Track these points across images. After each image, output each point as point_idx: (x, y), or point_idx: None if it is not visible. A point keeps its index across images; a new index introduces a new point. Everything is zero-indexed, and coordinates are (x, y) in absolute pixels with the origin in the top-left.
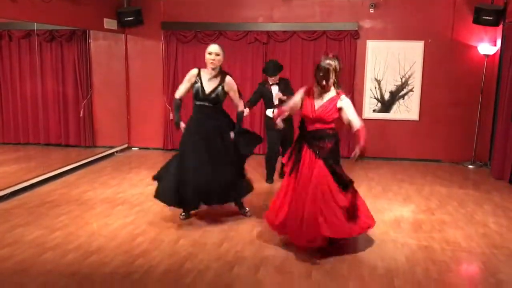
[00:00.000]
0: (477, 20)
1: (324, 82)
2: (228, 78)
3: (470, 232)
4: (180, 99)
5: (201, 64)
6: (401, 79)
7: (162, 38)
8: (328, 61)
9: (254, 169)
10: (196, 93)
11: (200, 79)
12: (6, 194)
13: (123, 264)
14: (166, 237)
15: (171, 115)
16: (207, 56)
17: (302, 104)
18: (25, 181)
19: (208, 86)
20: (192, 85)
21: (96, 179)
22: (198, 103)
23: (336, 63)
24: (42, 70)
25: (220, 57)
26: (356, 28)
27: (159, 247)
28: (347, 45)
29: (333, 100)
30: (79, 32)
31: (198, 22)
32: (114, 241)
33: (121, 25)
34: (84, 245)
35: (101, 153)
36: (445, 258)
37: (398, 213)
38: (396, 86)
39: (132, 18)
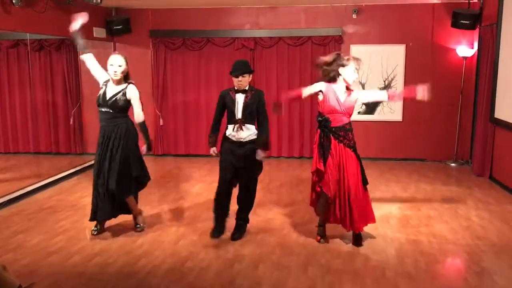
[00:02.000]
0: (455, 24)
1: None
2: (131, 85)
3: (455, 226)
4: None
5: (189, 70)
6: (384, 81)
7: (151, 46)
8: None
9: None
10: (98, 98)
11: (106, 85)
12: (3, 202)
13: (127, 264)
14: (166, 238)
15: (161, 120)
16: (108, 67)
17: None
18: (21, 188)
19: (110, 92)
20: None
21: (91, 185)
22: (100, 109)
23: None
24: (31, 80)
25: (123, 68)
26: (340, 34)
27: (159, 247)
28: (332, 50)
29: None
30: (68, 41)
31: (186, 30)
32: (115, 243)
33: (110, 34)
34: (87, 248)
35: (92, 160)
36: (433, 250)
37: (386, 210)
38: (380, 88)
39: (120, 27)
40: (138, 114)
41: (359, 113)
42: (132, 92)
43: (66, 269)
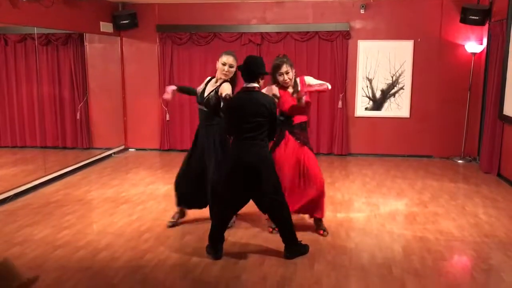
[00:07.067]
0: (464, 20)
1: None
2: (226, 83)
3: (462, 223)
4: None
5: (196, 65)
6: (392, 77)
7: (158, 40)
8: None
9: None
10: (197, 96)
11: (206, 84)
12: (10, 196)
13: (133, 259)
14: (172, 234)
15: (167, 116)
16: (220, 65)
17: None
18: (28, 183)
19: (207, 90)
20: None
21: (97, 180)
22: (199, 107)
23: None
24: (38, 74)
25: (233, 69)
26: (348, 29)
27: (165, 242)
28: (339, 45)
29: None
30: (75, 35)
31: (193, 25)
32: (121, 238)
33: (116, 28)
34: (93, 242)
35: (99, 154)
36: (439, 247)
37: (393, 207)
38: (387, 84)
39: (127, 21)
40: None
41: (366, 109)
42: (224, 88)
43: (72, 263)
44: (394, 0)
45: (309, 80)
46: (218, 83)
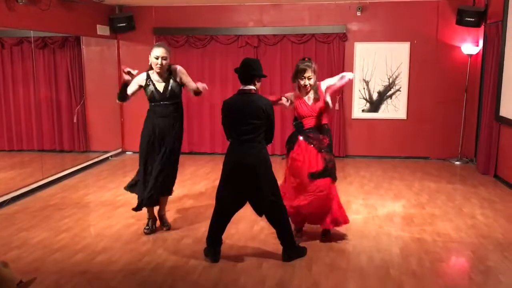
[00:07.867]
0: (460, 22)
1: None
2: (174, 67)
3: (459, 224)
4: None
5: (193, 68)
6: (389, 79)
7: (154, 43)
8: (306, 63)
9: None
10: (152, 95)
11: (152, 81)
12: (7, 199)
13: (131, 262)
14: (169, 237)
15: None
16: (153, 59)
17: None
18: (25, 186)
19: (161, 86)
20: (144, 88)
21: (95, 183)
22: (154, 104)
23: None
24: (35, 77)
25: (167, 61)
26: (344, 31)
27: (163, 245)
28: (336, 48)
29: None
30: (71, 39)
31: (190, 27)
32: (119, 241)
33: (113, 31)
34: (90, 246)
35: (96, 157)
36: (437, 248)
37: (390, 208)
38: (384, 86)
39: (124, 24)
40: (194, 85)
41: (363, 111)
42: (180, 72)
43: (70, 266)
44: (390, 2)
45: (326, 83)
46: (164, 75)
